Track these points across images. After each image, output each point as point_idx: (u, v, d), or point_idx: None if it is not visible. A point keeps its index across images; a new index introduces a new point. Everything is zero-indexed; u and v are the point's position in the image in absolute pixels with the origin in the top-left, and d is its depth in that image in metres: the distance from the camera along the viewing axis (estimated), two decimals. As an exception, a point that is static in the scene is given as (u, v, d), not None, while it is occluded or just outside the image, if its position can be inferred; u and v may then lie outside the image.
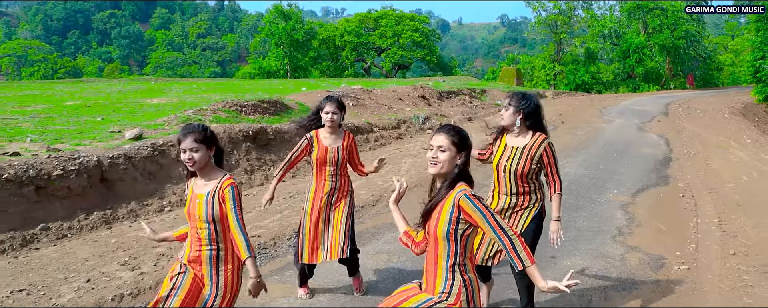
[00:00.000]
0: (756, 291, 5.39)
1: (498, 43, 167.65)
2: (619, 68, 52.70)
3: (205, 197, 3.17)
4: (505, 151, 4.33)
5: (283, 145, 11.00)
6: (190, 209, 3.22)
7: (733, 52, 67.32)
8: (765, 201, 9.12)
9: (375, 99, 18.04)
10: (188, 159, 3.12)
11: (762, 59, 29.02)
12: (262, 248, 6.46)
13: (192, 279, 3.22)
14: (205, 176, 3.24)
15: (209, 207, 3.15)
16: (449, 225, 2.83)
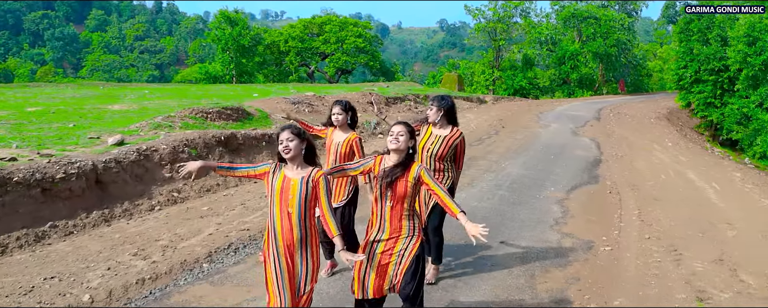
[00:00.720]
0: (662, 264, 6.72)
1: (437, 48, 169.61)
2: (555, 74, 54.64)
3: (299, 181, 3.93)
4: (430, 138, 5.75)
5: (252, 149, 11.88)
6: (283, 190, 3.93)
7: (662, 59, 70.95)
8: (677, 197, 10.58)
9: (327, 105, 18.97)
10: (285, 147, 3.94)
11: (684, 68, 31.27)
12: (252, 239, 7.38)
13: (285, 265, 3.98)
14: (297, 165, 4.00)
15: (303, 189, 3.91)
16: (413, 187, 4.09)
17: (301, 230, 3.94)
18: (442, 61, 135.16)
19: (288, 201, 3.91)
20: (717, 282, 6.40)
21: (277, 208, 3.95)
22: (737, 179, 13.01)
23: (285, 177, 3.96)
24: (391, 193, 4.14)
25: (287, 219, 3.92)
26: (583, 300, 5.76)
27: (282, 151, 3.96)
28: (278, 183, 3.94)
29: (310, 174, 3.98)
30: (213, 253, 6.82)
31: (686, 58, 31.22)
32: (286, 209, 3.92)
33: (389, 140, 4.20)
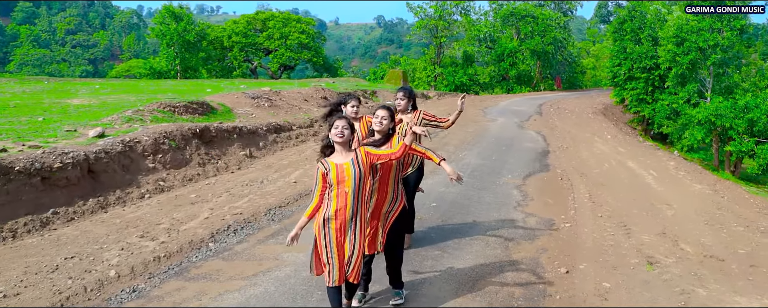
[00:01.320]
0: (615, 237, 7.74)
1: (375, 44, 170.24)
2: (494, 71, 56.09)
3: (351, 163, 4.54)
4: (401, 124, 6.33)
5: (224, 141, 12.38)
6: (338, 176, 4.51)
7: (595, 56, 73.85)
8: (620, 182, 11.68)
9: (285, 100, 19.50)
10: (340, 132, 4.54)
11: (619, 66, 33.00)
12: (247, 222, 7.97)
13: (335, 235, 4.59)
14: (344, 151, 4.60)
15: (357, 169, 4.53)
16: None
17: (354, 207, 4.56)
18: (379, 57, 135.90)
19: (345, 182, 4.52)
20: (662, 250, 7.39)
21: (335, 191, 4.55)
22: (671, 167, 14.28)
23: (337, 165, 4.55)
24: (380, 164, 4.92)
25: (343, 198, 4.53)
26: (553, 265, 6.63)
27: (336, 135, 4.55)
28: (333, 174, 4.53)
29: (356, 155, 4.61)
30: (215, 234, 7.40)
31: (620, 57, 32.92)
32: (343, 189, 4.53)
33: (374, 122, 4.96)
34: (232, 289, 5.70)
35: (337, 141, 4.58)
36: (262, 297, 5.50)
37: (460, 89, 51.25)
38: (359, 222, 4.63)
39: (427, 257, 6.70)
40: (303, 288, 5.74)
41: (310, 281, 5.89)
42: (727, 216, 9.54)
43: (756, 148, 24.41)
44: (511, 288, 5.91)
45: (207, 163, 11.33)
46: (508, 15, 54.83)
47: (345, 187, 4.54)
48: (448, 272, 6.27)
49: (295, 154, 13.31)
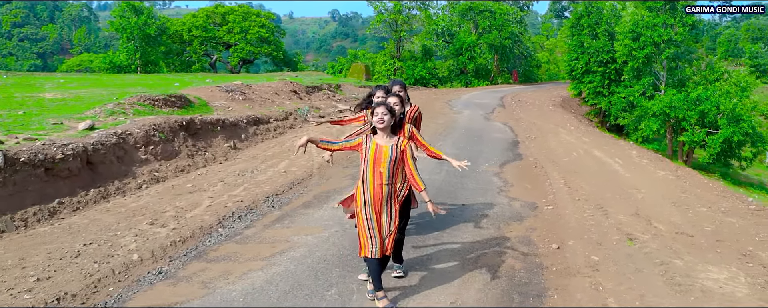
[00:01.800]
0: (595, 217, 8.36)
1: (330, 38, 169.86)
2: (453, 65, 56.85)
3: (390, 147, 5.05)
4: None
5: (208, 133, 12.64)
6: (376, 155, 5.03)
7: (549, 50, 75.56)
8: (591, 169, 12.38)
9: (258, 93, 19.74)
10: (380, 119, 5.03)
11: (576, 60, 34.04)
12: (250, 209, 8.32)
13: (375, 216, 5.09)
14: (386, 135, 5.09)
15: (393, 154, 5.04)
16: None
17: (389, 186, 5.08)
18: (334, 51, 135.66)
19: (380, 163, 5.04)
20: (638, 228, 8.03)
21: (370, 169, 5.07)
22: (634, 156, 15.09)
23: (377, 145, 5.05)
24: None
25: (379, 177, 5.06)
26: (544, 242, 7.19)
27: (377, 122, 5.04)
28: (372, 149, 5.06)
29: (397, 141, 5.12)
30: (222, 220, 7.74)
31: (577, 51, 33.95)
32: (378, 169, 5.06)
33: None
34: (255, 269, 6.07)
35: (378, 126, 5.06)
36: (284, 275, 5.89)
37: (420, 83, 51.82)
38: (392, 198, 5.13)
39: (429, 237, 7.18)
40: (321, 266, 6.15)
41: (327, 259, 6.31)
42: (690, 199, 10.28)
43: (707, 138, 25.66)
44: (511, 262, 6.44)
45: (195, 155, 11.58)
46: (466, 10, 55.71)
47: (380, 168, 5.02)
48: (450, 250, 6.77)
49: (276, 146, 13.62)
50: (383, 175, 5.05)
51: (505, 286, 5.80)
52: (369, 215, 5.10)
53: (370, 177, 5.07)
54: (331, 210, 8.30)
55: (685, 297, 5.77)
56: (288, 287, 5.60)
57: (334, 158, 12.27)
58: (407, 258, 6.37)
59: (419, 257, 6.47)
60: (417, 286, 5.73)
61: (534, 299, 5.55)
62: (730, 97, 25.73)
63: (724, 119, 25.04)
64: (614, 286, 5.91)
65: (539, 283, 5.92)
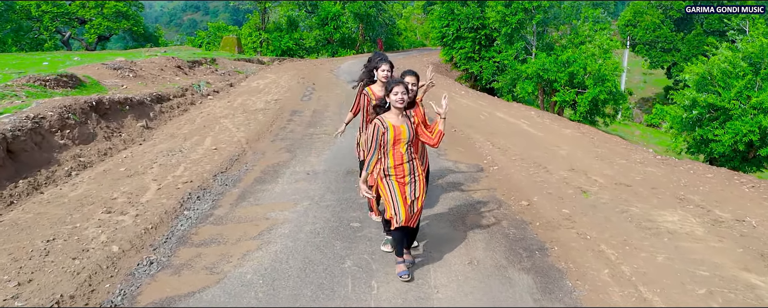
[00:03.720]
0: (540, 174, 8.85)
1: (180, 11, 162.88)
2: (319, 35, 56.53)
3: (406, 126, 4.98)
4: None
5: (118, 114, 11.84)
6: (396, 135, 4.95)
7: (405, 18, 76.99)
8: (505, 130, 12.97)
9: (146, 70, 18.64)
10: (400, 99, 4.91)
11: (447, 26, 34.97)
12: (204, 189, 7.96)
13: (398, 185, 5.05)
14: (400, 114, 5.00)
15: (411, 131, 5.00)
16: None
17: (410, 162, 5.09)
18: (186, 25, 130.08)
19: (401, 142, 5.01)
20: (582, 182, 8.58)
21: (392, 149, 5.02)
22: (534, 116, 15.93)
23: (394, 126, 4.99)
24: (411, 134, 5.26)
25: (400, 155, 5.04)
26: (511, 200, 7.51)
27: (397, 102, 4.94)
28: (391, 132, 4.97)
29: (410, 119, 5.14)
30: (183, 202, 7.35)
31: (448, 18, 34.89)
32: (400, 148, 5.02)
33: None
34: (252, 249, 5.87)
35: (398, 106, 4.98)
36: (289, 253, 5.75)
37: (287, 54, 51.20)
38: (417, 173, 5.16)
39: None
40: (320, 240, 6.07)
41: (320, 233, 6.22)
42: (606, 153, 11.07)
43: (577, 97, 27.49)
44: (496, 221, 6.68)
45: (112, 137, 10.83)
46: (329, -22, 55.42)
47: (400, 148, 5.03)
48: (435, 216, 6.90)
49: (188, 124, 13.01)
50: (403, 155, 5.07)
51: (507, 243, 6.03)
52: (392, 189, 5.10)
53: (391, 155, 5.06)
54: (289, 185, 8.15)
55: (659, 238, 6.29)
56: (300, 264, 5.48)
57: (263, 131, 11.99)
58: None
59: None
60: (428, 253, 5.82)
61: (539, 252, 5.83)
62: (595, 58, 27.66)
63: (591, 79, 26.93)
64: (598, 234, 6.33)
65: (533, 237, 6.21)
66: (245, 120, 13.28)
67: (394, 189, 5.07)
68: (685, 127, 21.97)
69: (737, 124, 14.69)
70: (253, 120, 13.26)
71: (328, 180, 8.38)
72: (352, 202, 7.37)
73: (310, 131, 12.16)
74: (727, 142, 14.91)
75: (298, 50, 53.68)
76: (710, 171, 9.95)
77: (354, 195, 7.60)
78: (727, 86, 16.10)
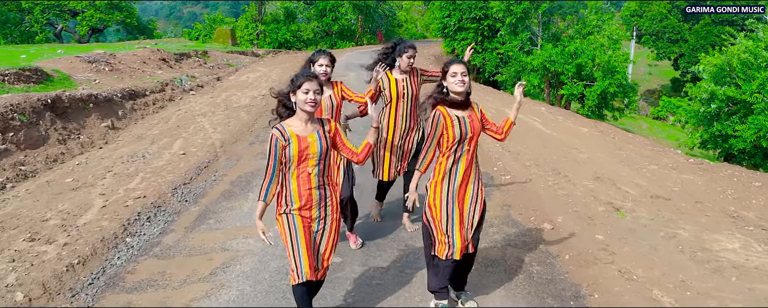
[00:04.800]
0: (562, 186, 7.46)
1: (180, 5, 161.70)
2: (317, 27, 55.36)
3: (316, 136, 3.60)
4: (399, 85, 5.53)
5: (80, 112, 10.47)
6: (301, 152, 3.56)
7: (405, 10, 75.56)
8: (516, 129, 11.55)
9: (125, 63, 17.27)
10: (311, 101, 3.49)
11: (448, 17, 33.53)
12: (157, 206, 6.59)
13: (301, 222, 3.65)
14: (308, 120, 3.62)
15: (323, 143, 3.60)
16: (481, 125, 4.10)
17: (320, 190, 3.69)
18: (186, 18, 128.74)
19: (309, 159, 3.61)
20: (612, 195, 7.20)
21: (294, 173, 3.63)
22: (545, 112, 14.53)
23: (299, 137, 3.57)
24: (471, 134, 3.98)
25: (306, 179, 3.64)
26: (530, 221, 6.14)
27: (307, 103, 3.52)
28: (294, 147, 3.56)
29: (322, 126, 3.70)
30: (127, 225, 5.99)
31: (450, 8, 33.44)
32: (306, 170, 3.62)
33: (454, 82, 3.91)
34: (198, 296, 4.51)
35: (307, 110, 3.56)
36: (245, 301, 4.39)
37: (285, 46, 49.87)
38: (328, 206, 3.78)
39: (398, 236, 5.90)
40: (285, 283, 4.70)
41: (288, 272, 4.86)
42: (632, 156, 9.69)
43: (585, 90, 26.10)
44: (516, 253, 5.30)
45: (68, 140, 9.46)
46: (328, -32, 54.05)
47: (308, 168, 3.63)
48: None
49: (161, 123, 11.64)
50: (311, 178, 3.73)
51: (531, 287, 4.65)
52: (295, 232, 3.68)
53: (294, 182, 3.69)
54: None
55: (724, 276, 4.92)
56: (257, 322, 4.13)
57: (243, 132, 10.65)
58: (402, 261, 5.08)
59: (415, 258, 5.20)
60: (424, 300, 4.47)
61: (575, 301, 4.45)
62: (604, 49, 26.29)
63: (600, 71, 25.54)
64: (646, 272, 4.94)
65: (564, 278, 4.82)
66: (226, 118, 11.90)
67: (296, 229, 3.65)
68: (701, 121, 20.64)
69: (761, 118, 13.37)
70: (234, 118, 11.88)
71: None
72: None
73: (296, 131, 10.80)
74: (749, 137, 13.60)
75: (295, 42, 52.34)
76: (757, 177, 8.58)
77: (338, 215, 6.25)
78: (749, 78, 14.72)
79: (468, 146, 3.99)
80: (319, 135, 3.62)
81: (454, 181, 3.98)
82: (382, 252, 5.33)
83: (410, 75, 5.57)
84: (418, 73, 5.65)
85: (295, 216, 3.65)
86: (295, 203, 3.63)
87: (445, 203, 3.99)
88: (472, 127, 3.95)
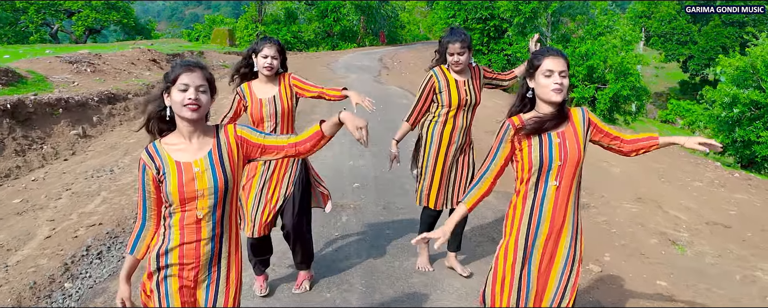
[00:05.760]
0: (597, 208, 6.20)
1: (182, 6, 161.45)
2: (319, 27, 54.60)
3: (208, 163, 2.44)
4: (459, 89, 4.24)
5: (47, 119, 9.30)
6: (183, 185, 2.39)
7: (408, 11, 74.68)
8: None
9: (110, 64, 16.13)
10: (191, 100, 2.36)
11: (453, 17, 32.43)
12: (114, 237, 5.42)
13: (178, 292, 2.45)
14: (199, 131, 2.49)
15: (224, 175, 2.48)
16: (585, 148, 2.69)
17: (214, 245, 2.47)
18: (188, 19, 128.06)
19: (199, 197, 2.40)
20: (662, 222, 6.03)
21: (177, 216, 2.42)
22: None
23: (179, 166, 2.40)
24: (561, 162, 2.63)
25: (194, 230, 2.42)
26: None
27: (186, 108, 2.38)
28: (172, 180, 2.37)
29: (218, 142, 2.49)
30: (70, 265, 4.81)
31: (455, 8, 32.37)
32: (194, 213, 2.41)
33: (547, 86, 2.62)
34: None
35: (186, 116, 2.40)
36: None
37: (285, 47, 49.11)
38: (222, 268, 2.54)
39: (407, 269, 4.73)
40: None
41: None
42: (669, 170, 8.54)
43: (597, 93, 25.00)
44: None
45: (28, 150, 8.30)
46: (329, -32, 53.21)
47: (197, 209, 2.42)
48: (450, 293, 4.36)
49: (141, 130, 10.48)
50: (201, 226, 2.50)
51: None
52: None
53: (176, 228, 2.48)
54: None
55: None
56: None
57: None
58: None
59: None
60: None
61: None
62: (617, 50, 25.21)
63: (612, 74, 24.47)
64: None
65: (630, 350, 3.66)
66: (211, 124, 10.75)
67: (169, 300, 2.44)
68: (722, 127, 19.51)
69: (788, 123, 12.25)
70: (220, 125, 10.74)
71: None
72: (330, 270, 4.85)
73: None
74: (775, 144, 12.49)
75: (296, 44, 51.43)
76: (819, 197, 7.42)
77: (333, 261, 5.09)
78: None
79: (556, 180, 2.63)
80: (213, 158, 2.41)
81: (535, 235, 2.67)
82: None
83: (472, 76, 4.33)
84: (481, 74, 4.43)
85: (170, 283, 2.44)
86: (172, 259, 2.43)
87: (517, 271, 2.68)
88: (562, 151, 2.62)
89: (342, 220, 5.82)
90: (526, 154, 2.64)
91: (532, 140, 2.63)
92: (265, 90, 4.02)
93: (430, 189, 4.40)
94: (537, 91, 2.67)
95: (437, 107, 4.29)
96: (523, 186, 2.70)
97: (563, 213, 2.66)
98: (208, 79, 2.42)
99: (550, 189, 2.64)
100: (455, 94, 4.21)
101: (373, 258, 4.90)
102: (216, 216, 2.42)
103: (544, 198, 2.65)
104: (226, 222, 2.47)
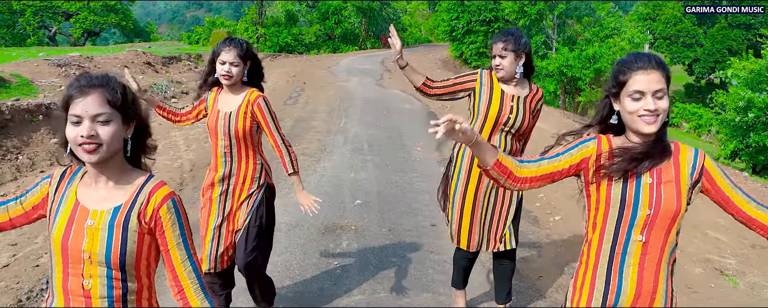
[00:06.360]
0: None
1: (183, 8, 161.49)
2: (319, 30, 54.36)
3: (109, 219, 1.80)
4: (503, 103, 3.38)
5: (25, 126, 8.66)
6: (68, 239, 1.77)
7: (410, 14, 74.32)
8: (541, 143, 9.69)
9: (102, 67, 15.55)
10: (85, 136, 1.75)
11: (456, 20, 31.81)
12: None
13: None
14: (97, 175, 1.88)
15: (118, 234, 1.81)
16: (689, 200, 1.98)
17: None
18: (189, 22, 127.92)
19: (82, 261, 1.76)
20: (702, 247, 5.37)
21: (58, 276, 1.80)
22: (570, 123, 12.73)
23: (76, 207, 1.82)
24: (651, 211, 1.95)
25: (81, 301, 1.77)
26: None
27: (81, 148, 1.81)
28: (61, 222, 1.81)
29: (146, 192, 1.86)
30: (26, 301, 4.15)
31: (458, 10, 31.77)
32: (79, 280, 1.76)
33: (636, 112, 1.91)
34: None
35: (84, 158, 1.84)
36: None
37: (285, 50, 48.57)
38: None
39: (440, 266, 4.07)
40: None
41: None
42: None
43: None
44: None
45: (1, 161, 7.65)
46: (330, -29, 52.94)
47: (83, 279, 1.78)
48: None
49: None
50: (93, 290, 1.79)
51: None
52: None
53: (59, 292, 1.84)
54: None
55: None
56: None
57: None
58: None
59: None
60: None
61: None
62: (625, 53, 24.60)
63: (621, 77, 23.89)
64: None
65: None
66: (204, 133, 10.09)
67: None
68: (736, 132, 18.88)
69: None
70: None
71: (292, 246, 5.17)
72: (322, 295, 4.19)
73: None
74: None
75: (297, 46, 51.11)
76: None
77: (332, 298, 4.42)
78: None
79: (641, 235, 1.95)
80: (117, 218, 1.77)
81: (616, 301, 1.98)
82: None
83: (530, 96, 3.47)
84: (541, 96, 3.59)
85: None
86: None
87: None
88: (654, 198, 1.94)
89: (342, 246, 5.16)
90: (605, 189, 1.97)
91: (613, 182, 1.98)
92: (228, 102, 3.35)
93: (461, 224, 3.53)
94: (623, 117, 1.98)
95: (471, 120, 3.45)
96: (597, 235, 2.02)
97: (653, 281, 1.97)
98: (110, 101, 1.73)
99: (634, 245, 1.95)
100: (496, 105, 3.37)
101: (378, 293, 4.23)
102: (113, 293, 1.75)
103: (625, 257, 1.96)
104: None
